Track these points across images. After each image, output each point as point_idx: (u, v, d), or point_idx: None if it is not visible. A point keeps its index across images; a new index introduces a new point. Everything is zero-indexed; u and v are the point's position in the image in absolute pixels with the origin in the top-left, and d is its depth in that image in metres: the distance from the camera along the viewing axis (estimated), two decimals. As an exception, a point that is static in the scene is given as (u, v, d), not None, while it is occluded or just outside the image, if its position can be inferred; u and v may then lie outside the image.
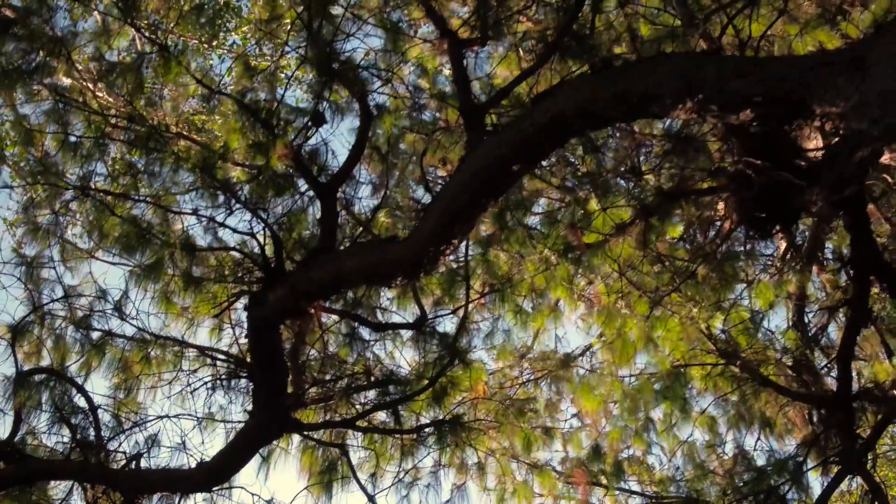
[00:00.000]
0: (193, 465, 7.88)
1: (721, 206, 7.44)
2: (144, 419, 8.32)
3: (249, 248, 7.70)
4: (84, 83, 7.68)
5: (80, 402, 8.24)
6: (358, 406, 8.11)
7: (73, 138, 7.72)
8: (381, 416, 8.29)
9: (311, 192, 7.35)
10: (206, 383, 7.96)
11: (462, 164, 6.28)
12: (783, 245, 8.44)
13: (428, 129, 7.87)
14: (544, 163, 7.73)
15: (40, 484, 8.08)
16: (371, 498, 7.96)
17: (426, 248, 6.35)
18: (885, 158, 5.71)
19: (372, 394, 8.17)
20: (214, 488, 7.89)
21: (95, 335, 8.48)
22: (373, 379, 7.99)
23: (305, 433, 7.97)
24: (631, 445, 9.22)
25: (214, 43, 9.78)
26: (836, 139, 5.71)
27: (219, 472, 7.75)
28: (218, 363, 8.15)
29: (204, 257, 7.84)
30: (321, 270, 6.85)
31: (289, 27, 7.80)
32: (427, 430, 8.11)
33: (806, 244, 7.94)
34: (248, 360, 7.76)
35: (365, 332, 8.16)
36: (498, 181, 6.12)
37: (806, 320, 8.59)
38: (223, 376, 7.88)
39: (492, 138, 6.24)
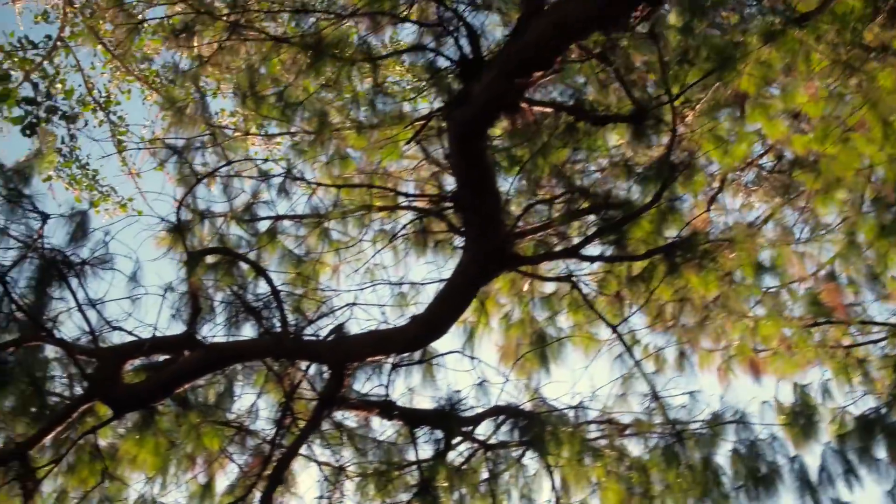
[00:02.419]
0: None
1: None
2: (331, 308, 7.28)
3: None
4: None
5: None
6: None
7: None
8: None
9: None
10: (408, 225, 6.92)
11: None
12: None
13: None
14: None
15: (232, 383, 7.07)
16: (614, 328, 6.87)
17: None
18: None
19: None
20: (431, 343, 6.80)
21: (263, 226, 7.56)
22: (590, 203, 6.96)
23: (524, 268, 6.90)
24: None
25: None
26: None
27: (435, 322, 6.69)
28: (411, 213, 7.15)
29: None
30: (536, 29, 5.90)
31: None
32: (657, 255, 7.00)
33: None
34: (452, 190, 6.77)
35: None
36: None
37: None
38: (429, 212, 6.85)
39: None
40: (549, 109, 6.60)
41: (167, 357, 6.92)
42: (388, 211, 7.26)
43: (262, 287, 7.15)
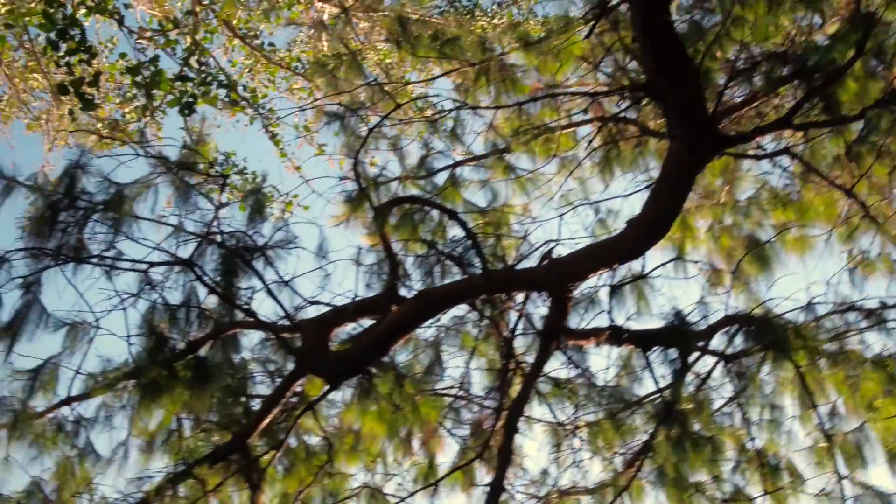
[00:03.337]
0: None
1: None
2: (532, 246, 6.77)
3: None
4: None
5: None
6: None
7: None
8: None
9: None
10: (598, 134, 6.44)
11: None
12: None
13: None
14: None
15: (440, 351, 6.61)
16: (848, 192, 6.24)
17: None
18: None
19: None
20: (653, 246, 6.24)
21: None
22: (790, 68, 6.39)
23: (735, 149, 6.33)
24: None
25: None
26: None
27: (655, 221, 6.12)
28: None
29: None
30: None
31: None
32: (874, 111, 6.36)
33: None
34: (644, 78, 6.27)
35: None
36: None
37: None
38: (618, 118, 6.36)
39: None
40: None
41: (373, 322, 6.47)
42: (573, 127, 6.76)
43: (454, 234, 6.73)
